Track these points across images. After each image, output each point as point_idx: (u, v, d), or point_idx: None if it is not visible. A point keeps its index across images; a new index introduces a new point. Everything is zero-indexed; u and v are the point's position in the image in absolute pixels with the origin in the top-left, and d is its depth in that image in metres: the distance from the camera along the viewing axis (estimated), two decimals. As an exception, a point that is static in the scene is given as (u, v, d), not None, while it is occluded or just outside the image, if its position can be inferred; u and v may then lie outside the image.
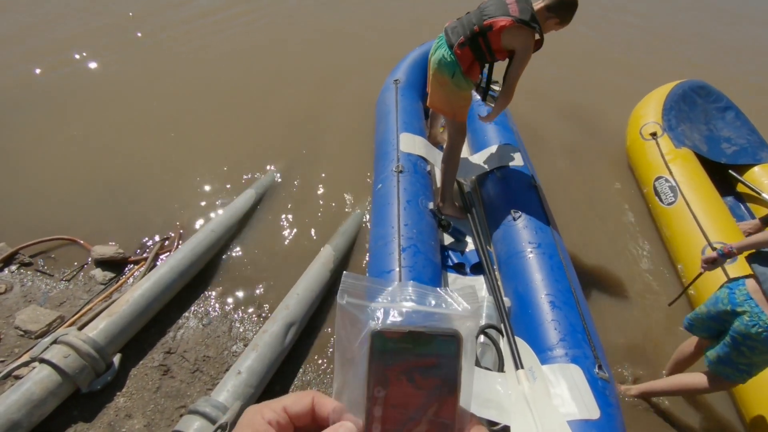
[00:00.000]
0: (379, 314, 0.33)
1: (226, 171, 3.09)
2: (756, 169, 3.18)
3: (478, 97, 2.69)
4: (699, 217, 2.66)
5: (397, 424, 0.31)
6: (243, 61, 4.27)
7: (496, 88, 2.48)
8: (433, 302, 0.34)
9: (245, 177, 3.05)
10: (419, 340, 0.32)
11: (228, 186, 2.97)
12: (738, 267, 2.30)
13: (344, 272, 0.35)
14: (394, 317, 0.33)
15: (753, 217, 3.05)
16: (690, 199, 2.77)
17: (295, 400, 0.33)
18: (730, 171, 3.20)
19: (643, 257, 2.90)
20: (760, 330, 1.66)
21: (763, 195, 2.99)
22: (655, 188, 3.03)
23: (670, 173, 2.97)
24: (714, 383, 1.85)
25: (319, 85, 4.02)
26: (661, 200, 2.95)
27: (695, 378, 1.93)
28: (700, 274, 2.10)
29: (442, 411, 0.32)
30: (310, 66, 4.27)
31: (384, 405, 0.31)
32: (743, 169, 3.22)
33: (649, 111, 3.38)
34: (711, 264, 1.92)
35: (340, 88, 3.99)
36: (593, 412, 1.58)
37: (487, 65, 2.26)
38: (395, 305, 0.33)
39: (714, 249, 2.41)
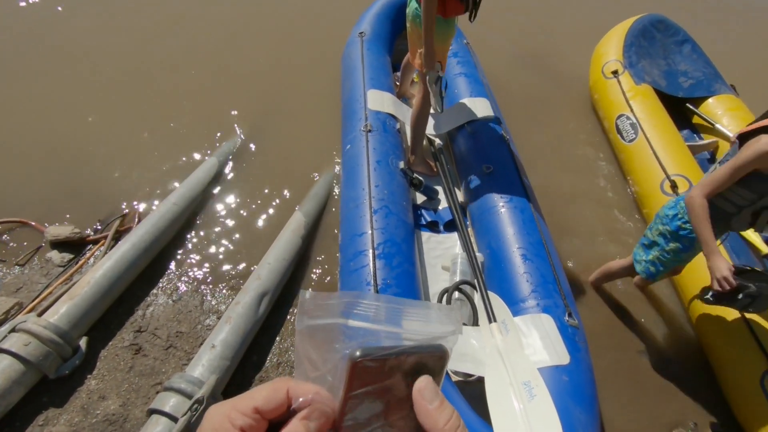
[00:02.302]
0: (352, 337, 0.30)
1: (186, 140, 2.91)
2: (710, 100, 3.28)
3: None
4: (658, 152, 2.75)
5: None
6: (197, 20, 3.94)
7: None
8: (410, 319, 0.32)
9: (206, 145, 2.88)
10: (404, 363, 0.30)
11: (188, 156, 2.81)
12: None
13: (301, 291, 0.32)
14: (368, 340, 0.30)
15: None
16: (650, 135, 2.85)
17: (268, 398, 0.29)
18: (687, 105, 3.30)
19: (608, 198, 2.98)
20: (670, 209, 1.86)
21: (717, 126, 3.12)
22: (617, 126, 3.10)
23: (631, 110, 3.04)
24: (630, 268, 2.10)
25: (279, 40, 3.77)
26: (622, 138, 3.03)
27: (617, 263, 2.23)
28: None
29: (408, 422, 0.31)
30: (268, 19, 3.98)
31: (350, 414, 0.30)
32: (699, 101, 3.32)
33: (611, 49, 3.40)
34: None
35: (302, 43, 3.76)
36: (563, 358, 1.63)
37: None
38: (366, 326, 0.31)
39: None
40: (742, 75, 3.71)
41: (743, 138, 1.63)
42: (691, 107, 3.28)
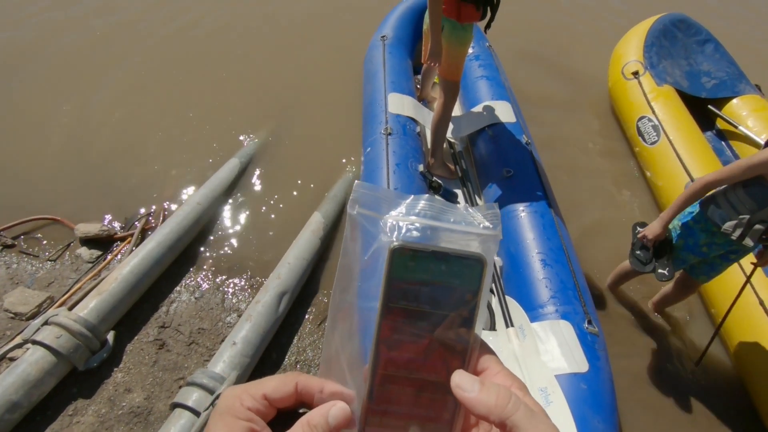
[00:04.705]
0: (394, 229, 0.31)
1: (209, 140, 2.98)
2: (735, 101, 3.20)
3: None
4: (682, 155, 2.68)
5: (408, 349, 0.31)
6: (222, 23, 4.03)
7: None
8: (451, 219, 0.32)
9: (229, 146, 2.95)
10: (441, 260, 0.30)
11: (211, 156, 2.88)
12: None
13: (356, 181, 0.33)
14: (411, 233, 0.31)
15: (732, 151, 3.07)
16: (673, 137, 2.79)
17: (277, 387, 0.32)
18: (709, 106, 3.21)
19: (629, 202, 2.93)
20: (692, 207, 1.87)
21: (740, 128, 3.03)
22: (638, 128, 3.04)
23: (653, 112, 2.97)
24: None
25: (304, 43, 3.82)
26: (644, 140, 2.97)
27: (628, 264, 2.15)
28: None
29: (454, 338, 0.31)
30: (293, 23, 4.04)
31: (394, 331, 0.31)
32: (723, 102, 3.24)
33: (631, 49, 3.34)
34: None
35: (326, 46, 3.80)
36: (582, 366, 1.62)
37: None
38: (411, 219, 0.32)
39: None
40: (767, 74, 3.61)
41: None
42: (713, 109, 3.19)
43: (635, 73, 3.20)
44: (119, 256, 2.28)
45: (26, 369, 1.64)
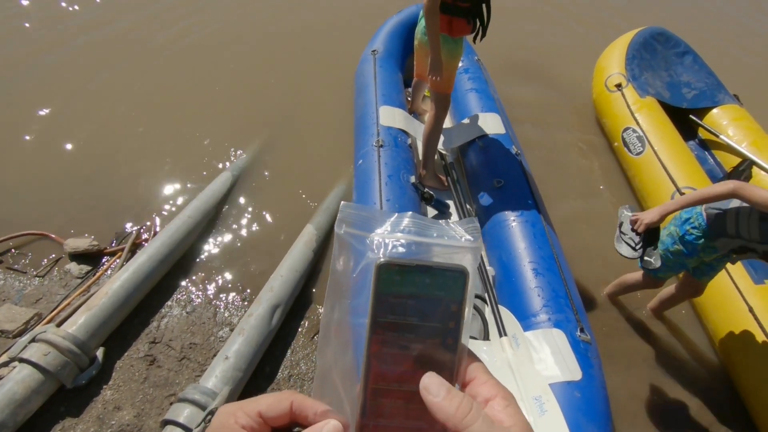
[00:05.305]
0: (380, 246, 0.33)
1: (201, 154, 2.98)
2: (715, 111, 3.28)
3: None
4: (667, 164, 2.74)
5: (398, 362, 0.31)
6: (213, 36, 4.07)
7: None
8: (434, 234, 0.34)
9: (220, 159, 2.95)
10: (425, 273, 0.31)
11: (203, 170, 2.88)
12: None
13: (342, 202, 0.34)
14: (396, 249, 0.32)
15: (715, 160, 3.15)
16: (657, 147, 2.85)
17: (272, 405, 0.32)
18: (690, 116, 3.29)
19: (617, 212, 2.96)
20: (686, 212, 1.89)
21: (721, 137, 3.10)
22: (623, 139, 3.11)
23: (637, 123, 3.04)
24: (644, 279, 2.15)
25: (296, 57, 3.87)
26: (630, 151, 3.03)
27: (633, 275, 2.24)
28: None
29: (442, 348, 0.32)
30: (285, 37, 4.09)
31: (383, 345, 0.31)
32: (703, 112, 3.32)
33: (613, 62, 3.42)
34: None
35: (317, 60, 3.85)
36: (575, 374, 1.62)
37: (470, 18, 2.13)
38: (396, 236, 0.33)
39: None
40: (745, 84, 3.72)
41: None
42: (695, 119, 3.28)
43: (618, 86, 3.28)
44: (109, 271, 2.25)
45: (12, 387, 1.61)
